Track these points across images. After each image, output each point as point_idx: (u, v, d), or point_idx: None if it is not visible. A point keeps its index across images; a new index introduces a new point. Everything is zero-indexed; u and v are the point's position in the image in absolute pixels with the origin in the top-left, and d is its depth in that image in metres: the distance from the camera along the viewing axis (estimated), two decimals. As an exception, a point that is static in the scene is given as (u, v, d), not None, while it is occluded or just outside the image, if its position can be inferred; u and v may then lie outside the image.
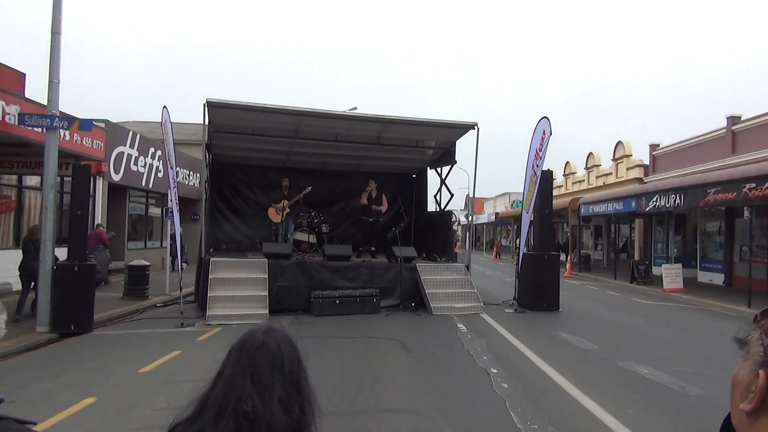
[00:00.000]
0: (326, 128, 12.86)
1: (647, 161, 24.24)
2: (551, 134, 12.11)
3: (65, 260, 9.08)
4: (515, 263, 14.72)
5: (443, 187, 15.13)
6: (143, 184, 18.33)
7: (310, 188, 13.58)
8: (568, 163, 33.03)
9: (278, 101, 46.96)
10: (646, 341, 9.04)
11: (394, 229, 13.46)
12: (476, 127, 12.42)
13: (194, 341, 8.46)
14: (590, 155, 29.28)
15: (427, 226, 15.44)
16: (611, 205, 20.47)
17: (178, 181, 13.65)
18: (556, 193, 23.17)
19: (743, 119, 18.11)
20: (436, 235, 14.65)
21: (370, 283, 11.70)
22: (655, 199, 17.07)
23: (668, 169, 22.10)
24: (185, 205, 19.05)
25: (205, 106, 10.79)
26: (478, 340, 8.71)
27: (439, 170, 15.32)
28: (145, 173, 18.23)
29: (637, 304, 14.21)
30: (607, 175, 27.19)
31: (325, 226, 14.26)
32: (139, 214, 19.82)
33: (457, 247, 20.39)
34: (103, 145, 13.93)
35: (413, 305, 11.61)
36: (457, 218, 25.95)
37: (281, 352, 1.29)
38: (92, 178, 13.63)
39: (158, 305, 11.88)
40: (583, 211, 22.95)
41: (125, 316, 10.66)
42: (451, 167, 14.76)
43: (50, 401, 5.36)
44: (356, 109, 23.85)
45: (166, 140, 10.88)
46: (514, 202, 40.28)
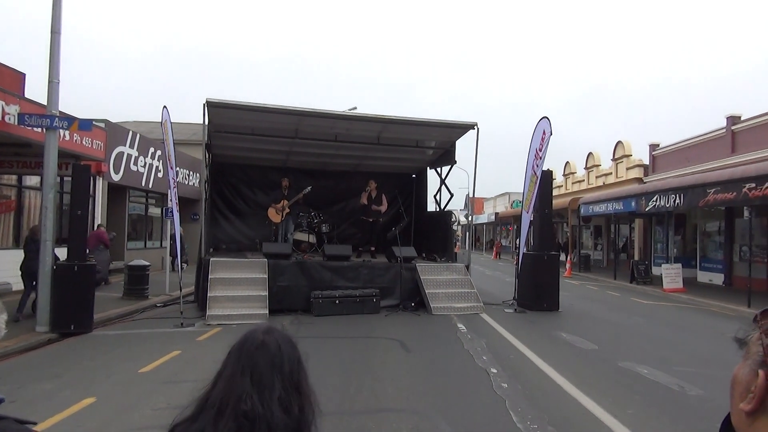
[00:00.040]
0: (326, 128, 12.86)
1: (647, 161, 24.25)
2: (551, 134, 12.11)
3: (65, 260, 9.08)
4: (515, 263, 14.71)
5: (443, 187, 15.13)
6: (143, 184, 18.33)
7: (310, 188, 13.57)
8: (567, 163, 33.02)
9: (278, 101, 46.94)
10: (646, 341, 9.04)
11: (393, 229, 13.46)
12: (476, 127, 12.42)
13: (194, 341, 8.46)
14: (590, 155, 29.27)
15: (426, 226, 15.43)
16: (611, 205, 20.46)
17: (178, 181, 13.64)
18: (556, 193, 23.20)
19: (743, 119, 18.12)
20: (435, 235, 14.65)
21: (369, 283, 11.70)
22: (654, 199, 17.07)
23: (668, 169, 22.10)
24: (185, 205, 19.06)
25: (204, 106, 10.78)
26: (477, 340, 8.71)
27: (438, 170, 15.31)
28: (145, 173, 18.23)
29: (636, 304, 14.21)
30: (606, 175, 27.19)
31: (325, 226, 14.27)
32: (138, 214, 19.81)
33: (456, 247, 20.41)
34: (102, 145, 13.94)
35: (413, 305, 11.61)
36: (456, 218, 26.00)
37: (281, 352, 1.29)
38: (92, 178, 13.62)
39: (158, 305, 11.87)
40: (582, 211, 22.95)
41: (125, 316, 10.66)
42: (450, 167, 14.76)
43: (50, 401, 5.36)
44: (356, 109, 23.87)
45: (166, 140, 10.89)
46: (513, 202, 40.26)
